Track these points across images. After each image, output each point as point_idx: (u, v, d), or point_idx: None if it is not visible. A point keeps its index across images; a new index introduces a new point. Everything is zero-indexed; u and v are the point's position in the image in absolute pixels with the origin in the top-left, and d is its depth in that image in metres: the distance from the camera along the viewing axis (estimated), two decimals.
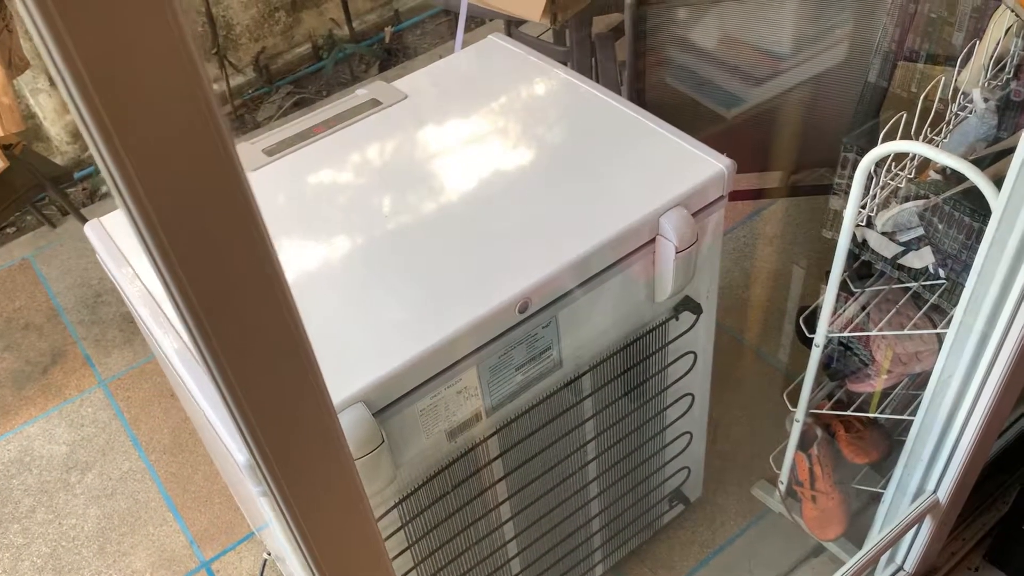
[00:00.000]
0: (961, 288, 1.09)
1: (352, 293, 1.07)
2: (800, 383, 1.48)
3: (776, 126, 1.80)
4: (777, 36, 1.63)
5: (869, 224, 1.31)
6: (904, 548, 1.49)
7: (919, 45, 1.41)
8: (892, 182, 1.28)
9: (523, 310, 1.06)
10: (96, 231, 1.22)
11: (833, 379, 1.57)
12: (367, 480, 1.00)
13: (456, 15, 1.98)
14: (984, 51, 1.30)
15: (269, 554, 1.73)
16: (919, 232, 1.26)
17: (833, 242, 1.29)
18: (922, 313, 1.35)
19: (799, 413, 1.51)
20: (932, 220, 1.22)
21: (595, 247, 1.10)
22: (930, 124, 1.28)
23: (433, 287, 1.06)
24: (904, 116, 1.23)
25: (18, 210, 2.60)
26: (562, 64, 1.40)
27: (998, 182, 0.98)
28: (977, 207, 1.15)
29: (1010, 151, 0.94)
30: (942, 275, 1.27)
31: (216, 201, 0.35)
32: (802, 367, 1.45)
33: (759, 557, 1.72)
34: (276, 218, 1.18)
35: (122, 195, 0.33)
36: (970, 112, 1.29)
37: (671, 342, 1.32)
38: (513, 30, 2.16)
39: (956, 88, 1.29)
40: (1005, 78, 1.30)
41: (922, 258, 1.28)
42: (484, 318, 1.03)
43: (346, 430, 0.94)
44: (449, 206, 1.17)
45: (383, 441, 0.97)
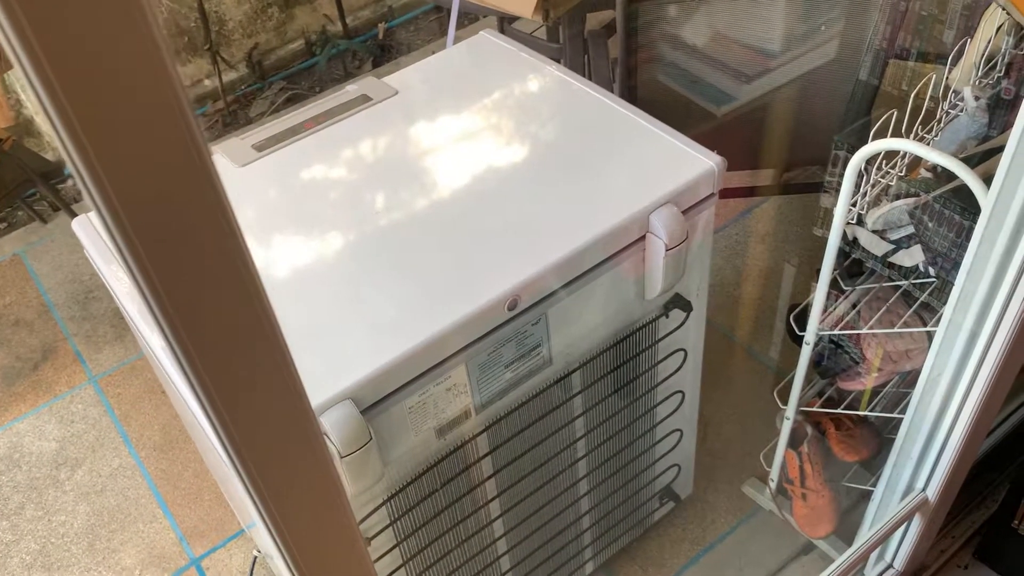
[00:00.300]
0: (951, 286, 1.09)
1: (340, 289, 1.07)
2: (791, 381, 1.48)
3: (767, 124, 1.80)
4: (768, 33, 1.63)
5: (860, 222, 1.31)
6: (894, 546, 1.49)
7: (910, 43, 1.41)
8: (883, 180, 1.28)
9: (512, 307, 1.06)
10: (84, 227, 1.21)
11: (823, 377, 1.57)
12: (355, 478, 0.99)
13: (449, 11, 1.97)
14: (975, 49, 1.30)
15: (259, 551, 1.72)
16: (909, 230, 1.26)
17: (824, 240, 1.29)
18: (912, 311, 1.35)
19: (789, 411, 1.52)
20: (922, 218, 1.22)
21: (585, 244, 1.09)
22: (921, 122, 1.28)
23: (422, 284, 1.06)
24: (895, 114, 1.23)
25: (8, 205, 2.59)
26: (555, 61, 1.40)
27: (988, 180, 0.98)
28: (967, 205, 1.15)
29: (1000, 149, 0.94)
30: (932, 273, 1.27)
31: (184, 193, 0.34)
32: (793, 365, 1.45)
33: (749, 554, 1.72)
34: (263, 214, 1.18)
35: (85, 185, 0.33)
36: (961, 110, 1.29)
37: (661, 339, 1.32)
38: (506, 27, 2.16)
39: (947, 86, 1.29)
40: (996, 76, 1.30)
41: (912, 256, 1.28)
42: (473, 315, 1.03)
43: (333, 427, 0.93)
44: (438, 202, 1.16)
45: (371, 439, 0.97)
